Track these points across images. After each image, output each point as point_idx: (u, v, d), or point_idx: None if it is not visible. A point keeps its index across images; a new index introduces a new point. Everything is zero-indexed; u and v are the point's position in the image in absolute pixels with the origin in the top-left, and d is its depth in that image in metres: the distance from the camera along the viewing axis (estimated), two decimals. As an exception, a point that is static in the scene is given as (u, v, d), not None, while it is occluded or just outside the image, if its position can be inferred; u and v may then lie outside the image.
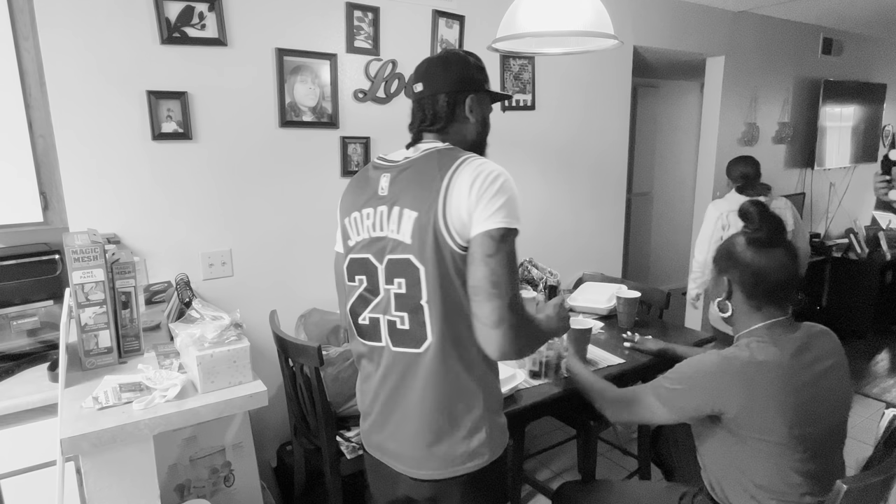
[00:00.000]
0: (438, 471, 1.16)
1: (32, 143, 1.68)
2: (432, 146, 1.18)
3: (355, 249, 1.20)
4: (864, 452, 1.49)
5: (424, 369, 1.13)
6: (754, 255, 1.29)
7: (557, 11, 1.54)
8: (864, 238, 4.46)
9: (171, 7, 1.91)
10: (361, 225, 1.19)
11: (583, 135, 3.10)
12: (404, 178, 1.14)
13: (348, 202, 1.24)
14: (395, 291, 1.14)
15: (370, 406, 1.25)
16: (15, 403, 1.49)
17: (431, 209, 1.08)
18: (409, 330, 1.14)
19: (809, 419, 1.24)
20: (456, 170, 1.10)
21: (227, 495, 1.93)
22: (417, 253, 1.10)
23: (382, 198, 1.16)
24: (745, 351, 1.27)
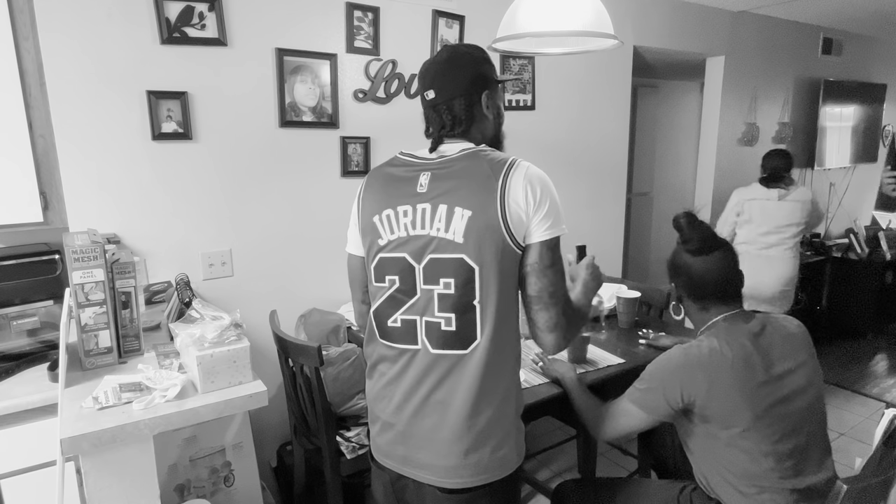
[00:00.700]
0: (471, 479, 1.11)
1: (32, 143, 1.68)
2: (467, 146, 1.16)
3: (388, 248, 1.15)
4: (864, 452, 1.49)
5: (470, 371, 1.10)
6: (692, 262, 1.41)
7: (557, 11, 1.54)
8: (864, 238, 4.46)
9: (171, 7, 1.91)
10: (397, 223, 1.13)
11: (583, 135, 3.10)
12: (449, 176, 1.12)
13: (377, 200, 1.17)
14: (439, 292, 1.10)
15: (394, 415, 1.17)
16: (15, 403, 1.49)
17: (490, 209, 1.07)
18: (457, 331, 1.10)
19: (773, 401, 1.28)
20: (509, 172, 1.09)
21: (227, 495, 1.93)
22: (472, 252, 1.07)
23: (422, 195, 1.12)
24: (703, 342, 1.34)
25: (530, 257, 1.09)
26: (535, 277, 1.10)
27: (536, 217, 1.08)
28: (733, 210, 3.23)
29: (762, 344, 1.33)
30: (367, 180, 1.23)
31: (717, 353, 1.30)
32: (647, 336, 2.06)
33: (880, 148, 5.08)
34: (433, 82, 1.19)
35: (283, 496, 2.26)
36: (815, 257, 4.34)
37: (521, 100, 2.81)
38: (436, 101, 1.18)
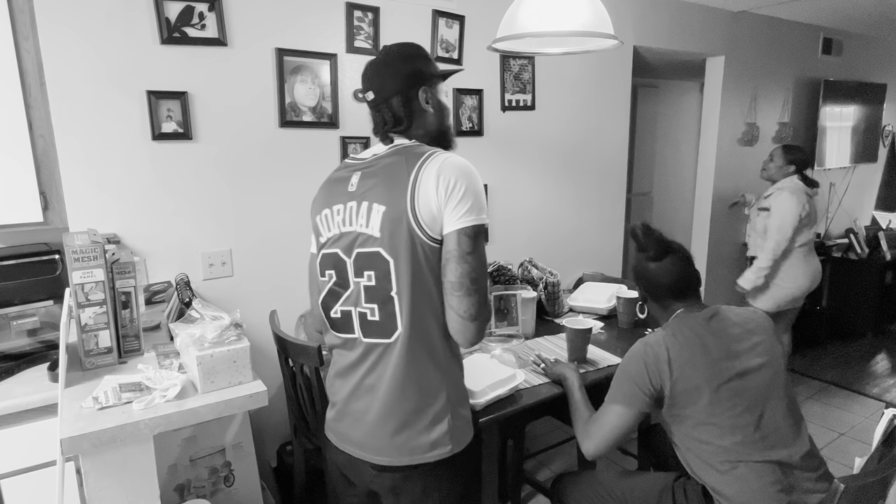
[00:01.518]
0: (398, 458, 1.18)
1: (32, 143, 1.69)
2: (399, 143, 1.22)
3: (326, 245, 1.24)
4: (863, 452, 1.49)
5: (394, 359, 1.17)
6: (650, 267, 1.55)
7: (557, 11, 1.54)
8: (864, 238, 4.46)
9: (171, 7, 1.91)
10: (332, 221, 1.23)
11: (583, 135, 3.10)
12: (373, 174, 1.18)
13: (320, 201, 1.27)
14: (364, 284, 1.17)
15: (335, 394, 1.29)
16: (15, 403, 1.49)
17: (401, 203, 1.12)
18: (380, 321, 1.17)
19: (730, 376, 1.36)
20: (422, 165, 1.13)
21: (227, 495, 1.93)
22: (387, 246, 1.14)
23: (352, 193, 1.20)
24: (659, 331, 1.48)
25: (448, 245, 1.12)
26: (455, 264, 1.12)
27: (449, 206, 1.11)
28: (797, 212, 2.93)
29: (714, 326, 1.45)
30: (321, 185, 1.32)
31: (671, 337, 1.43)
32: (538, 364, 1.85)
33: (880, 148, 5.08)
34: (371, 83, 1.25)
35: (283, 496, 2.26)
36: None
37: (521, 100, 2.81)
38: (376, 101, 1.24)
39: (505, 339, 2.05)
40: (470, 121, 2.65)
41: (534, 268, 2.48)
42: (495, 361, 1.79)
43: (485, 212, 1.15)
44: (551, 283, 2.36)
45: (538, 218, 3.01)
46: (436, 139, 1.27)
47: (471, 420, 1.27)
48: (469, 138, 2.68)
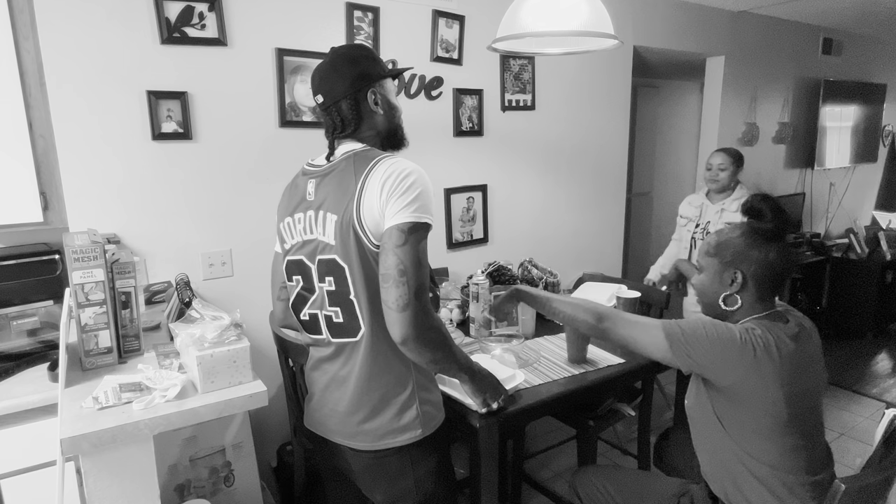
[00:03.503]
0: (371, 443, 1.26)
1: (32, 143, 1.68)
2: (350, 149, 1.24)
3: (291, 252, 1.30)
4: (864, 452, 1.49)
5: (360, 356, 1.24)
6: (769, 247, 1.31)
7: (557, 11, 1.54)
8: (864, 238, 4.46)
9: (171, 7, 1.91)
10: (294, 229, 1.28)
11: (583, 135, 3.10)
12: (327, 183, 1.23)
13: (283, 208, 1.33)
14: (327, 289, 1.24)
15: (311, 388, 1.38)
16: (15, 403, 1.49)
17: (348, 211, 1.16)
18: (344, 322, 1.24)
19: (803, 402, 1.27)
20: (369, 171, 1.16)
21: (227, 495, 1.93)
22: (341, 253, 1.19)
23: (310, 202, 1.25)
24: (756, 329, 1.27)
25: (383, 239, 1.15)
26: (384, 256, 1.14)
27: (390, 206, 1.13)
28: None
29: (800, 345, 1.29)
30: (284, 189, 1.38)
31: (766, 343, 1.25)
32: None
33: (880, 148, 5.09)
34: (320, 87, 1.27)
35: (283, 496, 2.26)
36: (815, 257, 4.34)
37: (521, 100, 2.81)
38: (325, 105, 1.26)
39: (505, 339, 2.05)
40: (470, 121, 2.65)
41: (534, 268, 2.49)
42: (495, 362, 1.79)
43: (428, 212, 1.15)
44: (551, 284, 2.36)
45: (538, 218, 3.01)
46: (387, 139, 1.30)
47: (441, 403, 1.35)
48: (469, 138, 2.68)
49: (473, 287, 2.07)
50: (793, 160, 4.46)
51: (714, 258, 1.38)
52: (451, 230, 2.71)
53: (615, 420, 2.10)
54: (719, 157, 2.81)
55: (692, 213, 2.88)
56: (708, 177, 2.84)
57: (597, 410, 2.03)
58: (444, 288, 2.35)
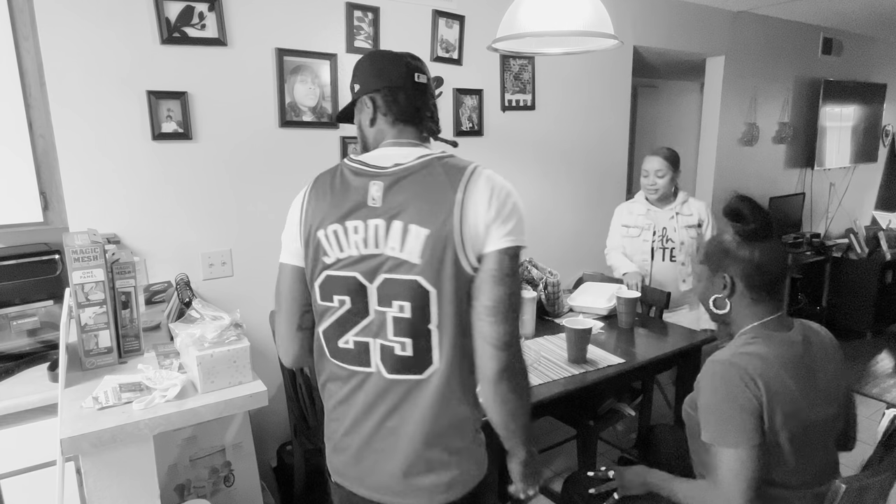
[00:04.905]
0: (427, 500, 1.07)
1: (32, 143, 1.68)
2: (426, 152, 1.07)
3: (336, 266, 1.05)
4: (864, 452, 1.49)
5: (426, 397, 1.04)
6: (753, 249, 1.28)
7: (557, 11, 1.54)
8: (864, 238, 4.46)
9: (171, 7, 1.91)
10: (346, 240, 1.04)
11: (583, 135, 3.10)
12: (404, 189, 1.02)
13: (322, 211, 1.07)
14: (393, 315, 1.02)
15: (345, 438, 1.11)
16: (15, 403, 1.49)
17: (447, 226, 0.98)
18: (413, 357, 1.03)
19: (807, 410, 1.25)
20: (468, 182, 1.01)
21: (227, 495, 1.93)
22: (429, 274, 0.99)
23: (374, 210, 1.02)
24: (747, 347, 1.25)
25: (487, 265, 1.00)
26: (492, 285, 1.00)
27: (496, 225, 1.00)
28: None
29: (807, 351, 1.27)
30: (313, 186, 1.11)
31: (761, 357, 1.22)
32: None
33: (880, 148, 5.08)
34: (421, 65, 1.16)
35: (283, 496, 2.26)
36: (815, 257, 4.34)
37: (521, 100, 2.81)
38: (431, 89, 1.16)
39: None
40: (470, 121, 2.65)
41: (534, 268, 2.48)
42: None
43: (525, 235, 1.05)
44: (551, 283, 2.36)
45: (538, 218, 3.01)
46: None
47: (484, 441, 1.18)
48: (469, 138, 2.67)
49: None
50: (793, 160, 4.46)
51: (704, 265, 1.37)
52: (451, 230, 2.70)
53: (615, 420, 2.11)
54: (656, 161, 2.53)
55: (642, 223, 2.60)
56: (645, 184, 2.57)
57: (597, 410, 2.03)
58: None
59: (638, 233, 2.60)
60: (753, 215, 1.28)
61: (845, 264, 4.39)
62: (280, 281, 1.16)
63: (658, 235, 2.56)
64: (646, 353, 1.98)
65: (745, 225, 1.29)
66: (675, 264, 2.55)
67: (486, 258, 1.01)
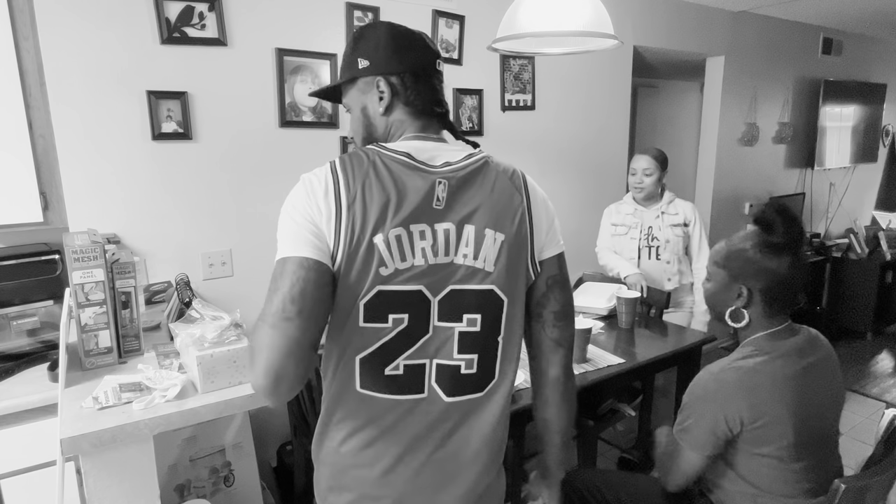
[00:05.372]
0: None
1: (32, 143, 1.68)
2: (470, 151, 0.99)
3: (396, 280, 0.88)
4: (864, 452, 1.49)
5: (486, 417, 0.96)
6: (779, 262, 1.23)
7: (557, 11, 1.54)
8: (864, 238, 4.46)
9: (171, 7, 1.91)
10: (412, 247, 0.88)
11: (583, 135, 3.10)
12: (470, 191, 0.92)
13: (375, 209, 0.86)
14: (461, 330, 0.92)
15: (381, 484, 0.94)
16: (15, 403, 1.49)
17: (522, 231, 0.94)
18: (477, 374, 0.94)
19: (810, 422, 1.25)
20: (526, 185, 0.98)
21: (227, 495, 1.93)
22: (503, 282, 0.93)
23: (440, 212, 0.90)
24: (747, 361, 1.24)
25: (550, 270, 1.00)
26: (559, 290, 1.01)
27: (552, 230, 1.00)
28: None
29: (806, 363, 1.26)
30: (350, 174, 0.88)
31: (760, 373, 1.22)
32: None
33: (880, 148, 5.08)
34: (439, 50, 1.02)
35: (283, 496, 2.25)
36: (815, 257, 4.34)
37: (521, 100, 2.81)
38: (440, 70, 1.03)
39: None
40: (470, 121, 2.65)
41: (534, 268, 2.48)
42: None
43: None
44: (551, 283, 2.35)
45: (538, 218, 3.01)
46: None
47: None
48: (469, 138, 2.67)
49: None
50: (793, 160, 4.46)
51: (722, 269, 1.32)
52: (451, 230, 2.70)
53: (615, 420, 2.11)
54: (644, 160, 2.56)
55: (630, 221, 2.62)
56: (632, 182, 2.59)
57: (597, 410, 2.03)
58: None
59: (625, 231, 2.63)
60: (786, 228, 1.22)
61: (845, 264, 4.39)
62: (299, 279, 0.83)
63: (644, 234, 2.59)
64: (646, 353, 1.98)
65: (776, 237, 1.23)
66: (660, 262, 2.57)
67: (548, 264, 1.00)
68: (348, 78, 1.01)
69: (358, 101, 1.01)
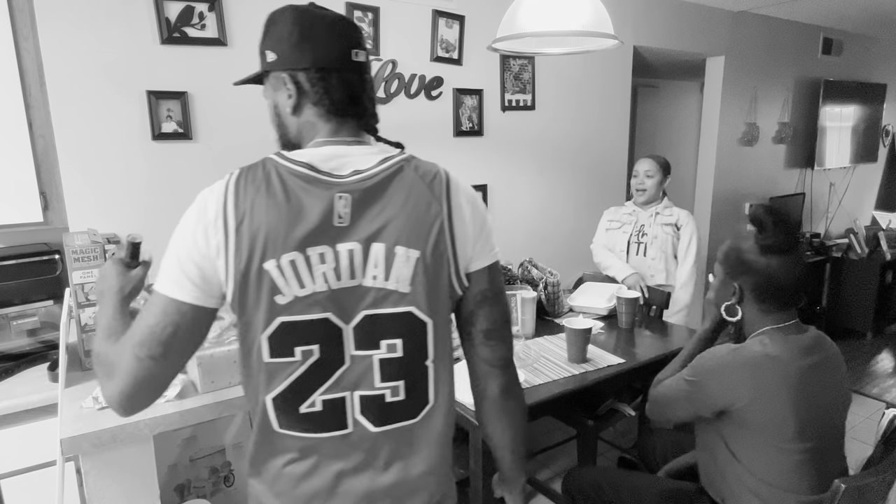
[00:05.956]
0: None
1: (32, 143, 1.68)
2: (388, 153, 0.88)
3: (296, 309, 0.81)
4: (864, 452, 1.49)
5: (424, 439, 0.90)
6: (770, 262, 1.27)
7: (557, 11, 1.54)
8: (864, 238, 4.46)
9: (171, 7, 1.91)
10: (310, 272, 0.80)
11: (583, 135, 3.10)
12: (378, 203, 0.83)
13: (265, 232, 0.79)
14: (381, 357, 0.85)
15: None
16: (15, 403, 1.49)
17: (440, 245, 0.84)
18: (405, 400, 0.87)
19: (814, 417, 1.26)
20: (449, 189, 0.87)
21: (227, 495, 1.93)
22: (423, 303, 0.84)
23: (343, 230, 0.81)
24: (757, 346, 1.28)
25: (479, 285, 0.90)
26: (490, 306, 0.91)
27: (482, 238, 0.89)
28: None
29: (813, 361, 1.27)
30: (240, 193, 0.83)
31: (770, 359, 1.24)
32: None
33: (880, 148, 5.09)
34: (359, 39, 0.88)
35: (283, 496, 2.25)
36: (815, 257, 4.34)
37: (521, 100, 2.81)
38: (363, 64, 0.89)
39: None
40: (470, 121, 2.65)
41: (534, 268, 2.48)
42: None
43: None
44: (551, 283, 2.36)
45: (538, 218, 3.01)
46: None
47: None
48: (469, 138, 2.68)
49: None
50: (793, 160, 4.46)
51: (721, 266, 1.38)
52: (451, 230, 2.70)
53: (615, 420, 2.10)
54: (646, 163, 2.59)
55: (625, 219, 2.66)
56: (634, 184, 2.62)
57: (597, 410, 2.03)
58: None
59: (619, 226, 2.70)
60: (775, 229, 1.26)
61: (845, 264, 4.39)
62: (171, 323, 0.80)
63: (636, 230, 2.64)
64: (646, 353, 1.98)
65: (766, 238, 1.28)
66: (646, 259, 2.60)
67: (476, 277, 0.90)
68: (257, 73, 0.92)
69: (271, 99, 0.94)
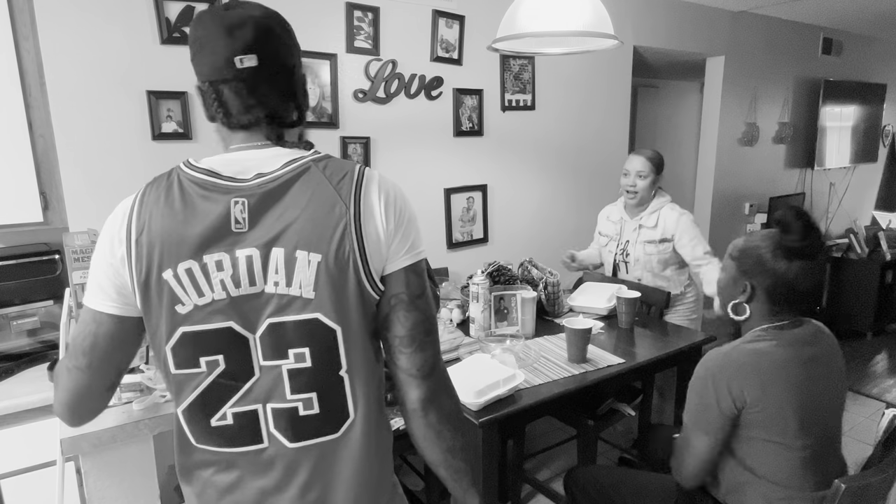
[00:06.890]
0: None
1: (32, 143, 1.69)
2: (295, 155, 0.86)
3: (196, 319, 0.79)
4: (864, 452, 1.49)
5: (348, 457, 0.86)
6: (791, 266, 1.24)
7: (557, 11, 1.54)
8: (864, 238, 4.46)
9: (171, 7, 1.91)
10: (208, 280, 0.79)
11: (583, 135, 3.10)
12: (278, 206, 0.80)
13: (162, 241, 0.79)
14: (289, 367, 0.81)
15: None
16: (15, 403, 1.49)
17: (343, 247, 0.80)
18: (321, 414, 0.83)
19: (814, 413, 1.26)
20: (360, 188, 0.83)
21: (227, 495, 1.93)
22: (329, 309, 0.80)
23: (242, 236, 0.79)
24: (750, 344, 1.26)
25: (394, 288, 0.85)
26: (405, 311, 0.85)
27: (397, 239, 0.84)
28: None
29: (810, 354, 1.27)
30: (142, 203, 0.82)
31: (765, 355, 1.23)
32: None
33: (880, 148, 5.09)
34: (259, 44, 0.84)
35: (283, 496, 2.25)
36: (815, 257, 4.34)
37: (521, 100, 2.81)
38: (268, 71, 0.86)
39: (505, 338, 2.05)
40: (470, 121, 2.65)
41: (534, 268, 2.48)
42: (495, 361, 1.79)
43: (423, 244, 0.90)
44: (551, 283, 2.36)
45: (538, 218, 3.01)
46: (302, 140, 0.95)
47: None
48: (469, 138, 2.67)
49: (473, 287, 2.07)
50: (793, 160, 4.46)
51: (734, 262, 1.34)
52: (451, 230, 2.71)
53: (615, 420, 2.10)
54: (639, 161, 2.40)
55: (612, 231, 2.55)
56: (624, 184, 2.45)
57: (597, 410, 2.03)
58: (444, 288, 2.35)
59: (605, 242, 2.61)
60: (803, 233, 1.22)
61: (845, 264, 4.39)
62: (90, 333, 0.82)
63: (621, 249, 2.53)
64: (646, 353, 1.97)
65: (790, 241, 1.24)
66: (630, 278, 2.51)
67: (391, 280, 0.85)
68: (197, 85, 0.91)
69: None
